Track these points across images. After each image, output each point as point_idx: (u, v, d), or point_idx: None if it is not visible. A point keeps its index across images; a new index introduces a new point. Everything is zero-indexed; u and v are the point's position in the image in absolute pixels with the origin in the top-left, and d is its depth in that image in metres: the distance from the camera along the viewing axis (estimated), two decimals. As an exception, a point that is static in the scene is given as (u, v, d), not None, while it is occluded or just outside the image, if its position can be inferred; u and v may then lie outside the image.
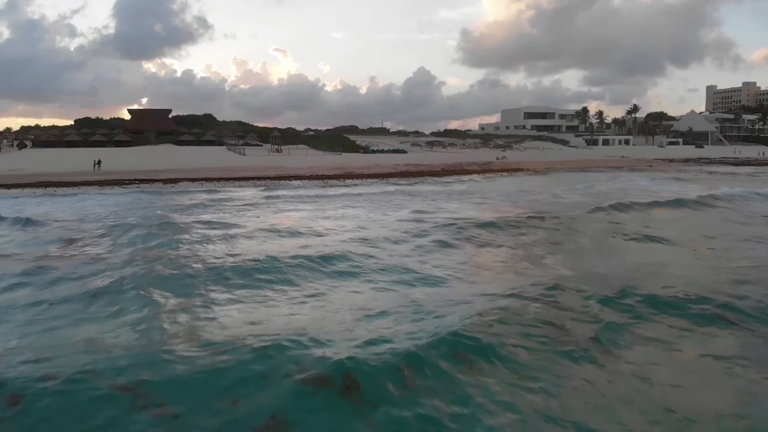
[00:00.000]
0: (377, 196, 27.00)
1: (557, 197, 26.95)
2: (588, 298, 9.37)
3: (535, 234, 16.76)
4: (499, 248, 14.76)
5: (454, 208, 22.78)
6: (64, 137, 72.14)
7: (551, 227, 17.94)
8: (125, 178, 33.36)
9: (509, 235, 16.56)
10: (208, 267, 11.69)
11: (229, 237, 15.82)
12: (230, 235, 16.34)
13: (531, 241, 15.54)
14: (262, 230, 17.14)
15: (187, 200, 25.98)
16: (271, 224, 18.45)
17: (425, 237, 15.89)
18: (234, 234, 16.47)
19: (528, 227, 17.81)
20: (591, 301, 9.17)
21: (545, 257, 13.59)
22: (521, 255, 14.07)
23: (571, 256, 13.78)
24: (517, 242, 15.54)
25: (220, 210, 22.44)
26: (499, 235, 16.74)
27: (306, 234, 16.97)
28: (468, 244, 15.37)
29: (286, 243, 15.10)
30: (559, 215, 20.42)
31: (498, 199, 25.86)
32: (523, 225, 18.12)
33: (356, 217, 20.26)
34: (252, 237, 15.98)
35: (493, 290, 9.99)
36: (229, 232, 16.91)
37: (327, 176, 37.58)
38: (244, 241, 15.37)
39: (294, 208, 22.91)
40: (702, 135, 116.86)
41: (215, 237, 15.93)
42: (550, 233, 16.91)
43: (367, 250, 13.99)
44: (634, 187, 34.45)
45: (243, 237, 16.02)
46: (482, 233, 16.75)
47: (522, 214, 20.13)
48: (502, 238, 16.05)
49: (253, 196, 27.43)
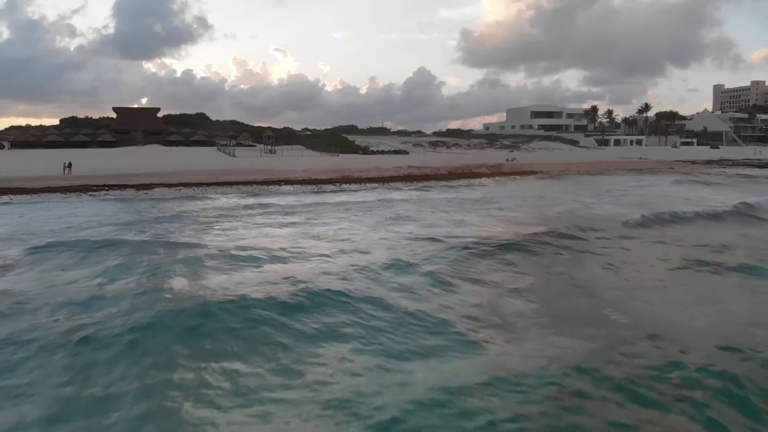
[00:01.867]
0: (378, 205, 23.18)
1: (588, 207, 23.11)
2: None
3: (582, 261, 12.98)
4: (542, 286, 10.98)
5: (471, 221, 18.97)
6: (45, 137, 68.20)
7: (601, 250, 14.20)
8: (94, 184, 29.57)
9: (550, 263, 12.79)
10: (100, 328, 7.83)
11: (175, 265, 12.04)
12: (181, 260, 12.61)
13: (581, 274, 11.72)
14: (226, 253, 13.39)
15: (155, 211, 22.18)
16: (242, 244, 14.70)
17: (443, 263, 12.27)
18: (187, 259, 12.71)
19: (570, 250, 14.02)
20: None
21: (607, 296, 9.83)
22: (572, 294, 10.32)
23: (648, 300, 9.94)
24: (561, 274, 11.75)
25: (188, 223, 18.67)
26: (536, 261, 12.99)
27: (286, 259, 13.22)
28: (501, 274, 11.67)
29: (253, 275, 11.34)
30: (602, 231, 16.68)
31: (520, 210, 22.00)
32: (563, 246, 14.35)
33: (353, 234, 16.49)
34: (207, 265, 12.19)
35: (551, 359, 6.45)
36: (182, 255, 13.22)
37: (321, 180, 33.76)
38: (193, 270, 11.59)
39: (278, 222, 19.10)
40: (716, 135, 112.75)
41: (164, 265, 12.18)
42: (603, 260, 13.13)
43: (367, 287, 10.38)
44: (664, 193, 30.73)
45: (196, 264, 12.26)
46: (514, 259, 13.01)
47: (556, 230, 16.34)
48: (541, 269, 12.28)
49: (232, 205, 23.62)
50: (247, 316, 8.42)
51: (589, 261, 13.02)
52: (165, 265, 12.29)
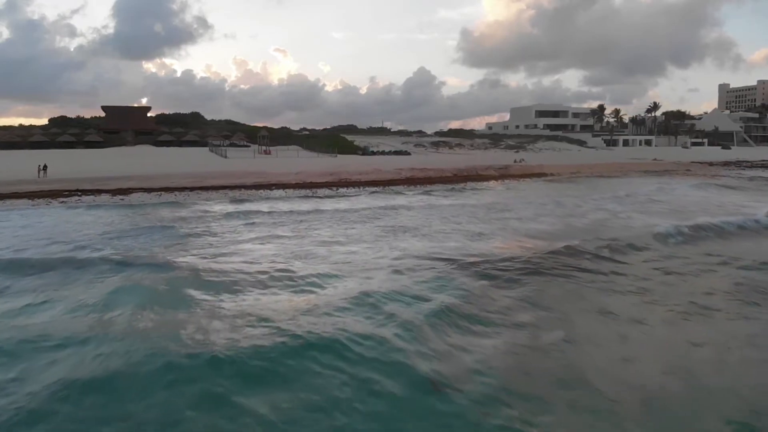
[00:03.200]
0: (379, 214, 20.52)
1: (615, 215, 20.44)
2: None
3: (630, 298, 10.31)
4: (586, 336, 8.35)
5: (486, 233, 16.32)
6: (29, 137, 65.42)
7: (650, 273, 11.75)
8: (66, 189, 26.94)
9: (594, 298, 10.15)
10: None
11: (121, 296, 9.46)
12: (130, 289, 10.13)
13: (634, 327, 9.03)
14: (192, 280, 10.89)
15: (125, 221, 19.55)
16: (215, 267, 12.13)
17: (457, 295, 9.97)
18: (139, 288, 10.13)
19: (614, 280, 11.38)
20: None
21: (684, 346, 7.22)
22: (631, 338, 7.75)
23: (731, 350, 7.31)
24: (611, 320, 9.09)
25: (156, 237, 16.06)
26: (574, 292, 10.37)
27: (265, 287, 10.66)
28: (531, 313, 9.10)
29: (220, 313, 8.79)
30: (644, 250, 14.07)
31: (542, 220, 19.27)
32: (603, 273, 11.72)
33: (350, 253, 13.91)
34: (162, 297, 9.59)
35: None
36: (134, 279, 10.79)
37: (316, 184, 31.09)
38: (141, 306, 8.97)
39: (263, 235, 16.47)
40: (726, 135, 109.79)
41: (102, 297, 9.58)
42: (657, 287, 10.60)
43: (363, 333, 8.01)
44: (690, 197, 28.06)
45: (148, 296, 9.65)
46: (547, 290, 10.38)
47: (589, 249, 13.72)
48: (583, 307, 9.64)
49: (214, 213, 20.97)
50: (195, 392, 5.85)
51: (640, 299, 10.35)
52: (105, 296, 9.72)
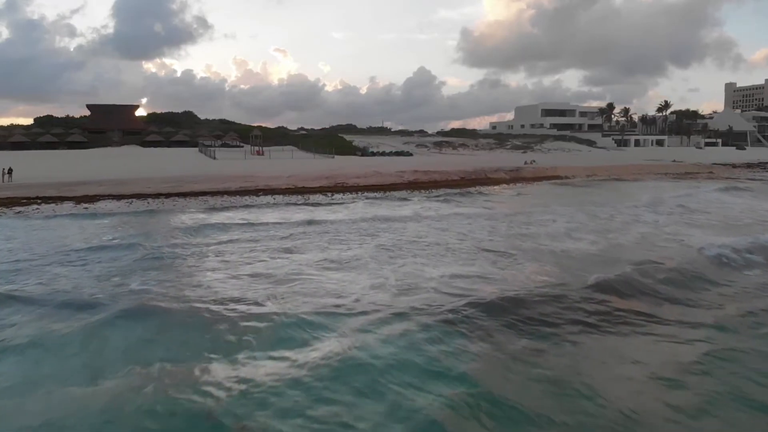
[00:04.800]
0: (381, 228, 17.29)
1: (658, 228, 17.20)
2: None
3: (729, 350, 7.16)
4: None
5: (515, 252, 13.03)
6: (9, 138, 61.94)
7: (741, 323, 8.39)
8: (25, 196, 23.80)
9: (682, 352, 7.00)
10: None
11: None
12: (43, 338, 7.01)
13: None
14: (126, 324, 7.80)
15: (77, 237, 16.44)
16: (143, 311, 8.99)
17: (501, 365, 6.66)
18: (56, 334, 7.09)
19: (687, 326, 8.21)
20: None
21: None
22: None
23: None
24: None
25: (103, 260, 12.91)
26: (647, 344, 7.21)
27: (222, 343, 7.76)
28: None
29: (146, 393, 5.66)
30: (724, 284, 10.90)
31: (578, 236, 16.00)
32: (670, 318, 8.55)
33: (343, 284, 10.85)
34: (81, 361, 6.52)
35: None
36: (57, 327, 7.64)
37: (310, 189, 27.88)
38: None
39: (234, 259, 13.31)
40: (740, 135, 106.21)
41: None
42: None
43: None
44: (730, 205, 24.90)
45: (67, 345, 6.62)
46: (609, 343, 7.22)
47: (645, 275, 10.60)
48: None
49: (185, 227, 17.80)
50: None
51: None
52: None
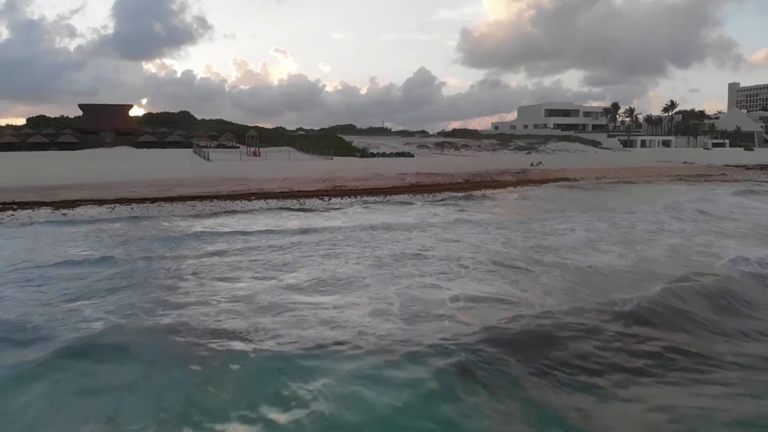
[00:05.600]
0: (383, 238, 15.64)
1: (689, 239, 15.58)
2: None
3: None
4: None
5: (536, 270, 11.33)
6: (-1, 139, 60.47)
7: None
8: (1, 201, 22.22)
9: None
10: None
11: None
12: None
13: None
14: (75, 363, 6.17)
15: (45, 251, 14.86)
16: (119, 340, 7.37)
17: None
18: None
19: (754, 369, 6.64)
20: None
21: None
22: None
23: None
24: None
25: (63, 278, 11.31)
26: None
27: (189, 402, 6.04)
28: None
29: None
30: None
31: (601, 247, 14.32)
32: (729, 358, 6.95)
33: (337, 313, 9.16)
34: None
35: None
36: None
37: (306, 193, 26.27)
38: None
39: (214, 274, 11.69)
40: (747, 136, 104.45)
41: None
42: None
43: None
44: (755, 211, 23.27)
45: None
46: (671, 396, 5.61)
47: (687, 300, 8.95)
48: None
49: (166, 236, 16.18)
50: None
51: None
52: None
